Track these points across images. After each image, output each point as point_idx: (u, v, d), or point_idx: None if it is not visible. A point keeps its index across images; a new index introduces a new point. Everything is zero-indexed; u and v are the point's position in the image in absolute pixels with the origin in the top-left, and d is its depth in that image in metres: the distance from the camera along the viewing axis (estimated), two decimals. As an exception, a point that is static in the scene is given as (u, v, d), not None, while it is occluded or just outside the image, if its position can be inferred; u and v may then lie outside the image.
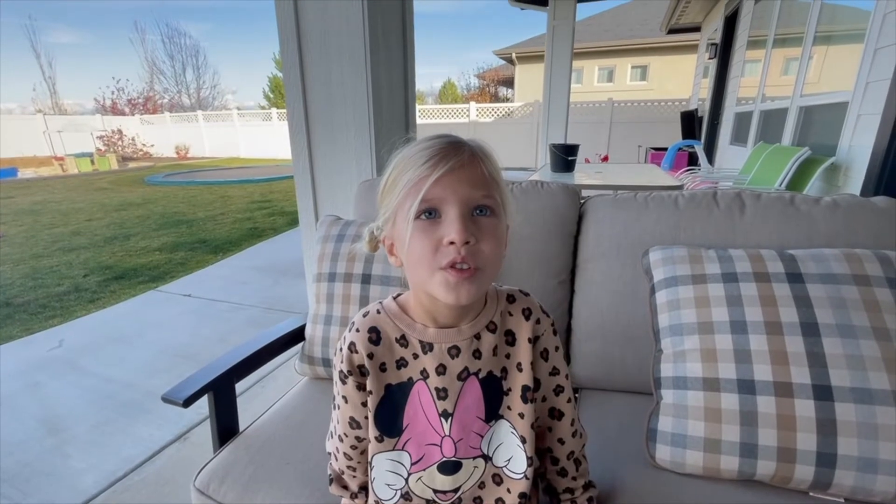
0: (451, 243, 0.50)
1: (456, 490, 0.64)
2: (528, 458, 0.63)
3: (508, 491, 0.65)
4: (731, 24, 5.78)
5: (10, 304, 3.08)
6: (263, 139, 15.29)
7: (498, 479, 0.65)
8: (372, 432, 0.63)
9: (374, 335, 0.61)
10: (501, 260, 0.56)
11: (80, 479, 1.47)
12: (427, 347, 0.60)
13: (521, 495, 0.64)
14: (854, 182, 2.50)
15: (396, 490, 0.65)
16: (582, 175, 3.67)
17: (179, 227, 5.28)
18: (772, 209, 0.98)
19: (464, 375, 0.61)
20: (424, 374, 0.61)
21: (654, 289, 0.93)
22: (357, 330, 0.62)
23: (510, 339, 0.63)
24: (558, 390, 0.68)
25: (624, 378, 1.06)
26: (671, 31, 8.99)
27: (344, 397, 0.64)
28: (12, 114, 22.63)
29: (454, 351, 0.60)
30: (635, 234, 1.05)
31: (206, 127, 16.37)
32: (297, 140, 1.63)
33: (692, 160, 5.80)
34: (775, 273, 0.82)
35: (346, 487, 0.73)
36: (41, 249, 4.44)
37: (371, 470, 0.64)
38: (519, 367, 0.63)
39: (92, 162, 12.70)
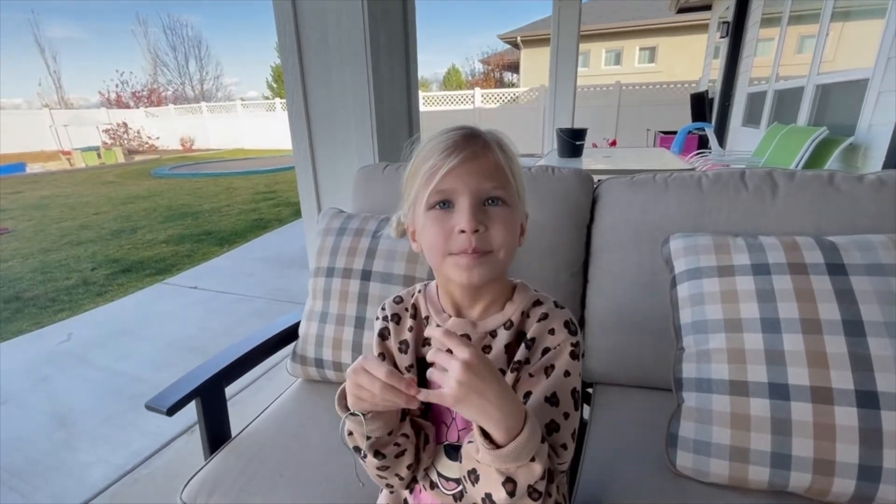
0: (462, 232, 0.53)
1: (458, 481, 0.62)
2: None
3: None
4: (743, 1, 5.60)
5: (19, 298, 3.10)
6: (267, 129, 15.22)
7: None
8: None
9: (413, 310, 0.66)
10: (515, 247, 0.57)
11: (89, 473, 1.48)
12: None
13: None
14: (874, 163, 2.41)
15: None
16: (590, 160, 3.59)
17: (185, 219, 5.29)
18: (807, 189, 0.87)
19: None
20: None
21: (675, 281, 0.85)
22: (401, 300, 0.68)
23: (520, 339, 0.61)
24: (552, 426, 0.54)
25: (641, 373, 1.01)
26: (680, 11, 8.76)
27: (382, 354, 0.66)
28: (19, 109, 22.77)
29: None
30: (654, 220, 0.96)
31: (210, 118, 16.33)
32: (297, 131, 1.60)
33: (702, 143, 5.67)
34: (813, 264, 0.73)
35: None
36: (50, 243, 4.46)
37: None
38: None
39: (98, 156, 12.76)
